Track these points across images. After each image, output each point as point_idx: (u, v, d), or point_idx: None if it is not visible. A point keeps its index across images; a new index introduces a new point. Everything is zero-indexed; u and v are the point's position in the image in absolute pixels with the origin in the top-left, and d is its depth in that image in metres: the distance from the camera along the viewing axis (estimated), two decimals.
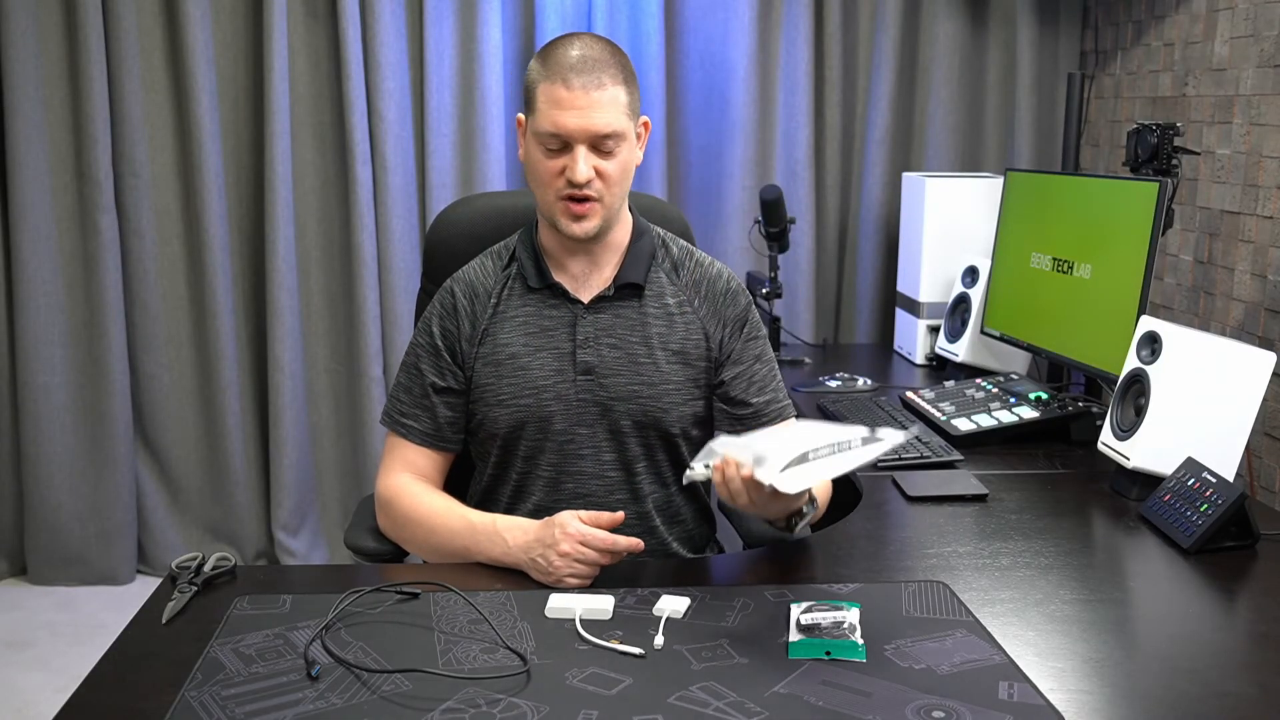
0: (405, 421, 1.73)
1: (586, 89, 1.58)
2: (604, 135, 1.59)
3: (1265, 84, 2.57)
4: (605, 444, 1.72)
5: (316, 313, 3.40)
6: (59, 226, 3.22)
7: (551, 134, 1.60)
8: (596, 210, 1.64)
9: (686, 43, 3.38)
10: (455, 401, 1.73)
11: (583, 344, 1.69)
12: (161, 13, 3.18)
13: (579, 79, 1.58)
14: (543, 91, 1.60)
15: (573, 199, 1.63)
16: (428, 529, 1.65)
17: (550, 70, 1.60)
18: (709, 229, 3.44)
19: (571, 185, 1.61)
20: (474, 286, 1.74)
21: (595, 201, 1.63)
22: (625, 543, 1.48)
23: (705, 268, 1.78)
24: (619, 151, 1.62)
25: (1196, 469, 1.77)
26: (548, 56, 1.62)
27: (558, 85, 1.58)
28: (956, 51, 3.42)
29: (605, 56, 1.61)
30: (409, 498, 1.69)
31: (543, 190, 1.65)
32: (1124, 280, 2.23)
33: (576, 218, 1.64)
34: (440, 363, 1.72)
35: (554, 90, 1.58)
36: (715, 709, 1.20)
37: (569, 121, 1.58)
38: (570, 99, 1.58)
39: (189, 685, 1.24)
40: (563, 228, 1.65)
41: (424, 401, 1.72)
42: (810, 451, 1.38)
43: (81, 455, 3.31)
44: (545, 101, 1.60)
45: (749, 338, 1.77)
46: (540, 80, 1.61)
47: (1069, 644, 1.38)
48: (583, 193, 1.62)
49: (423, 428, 1.72)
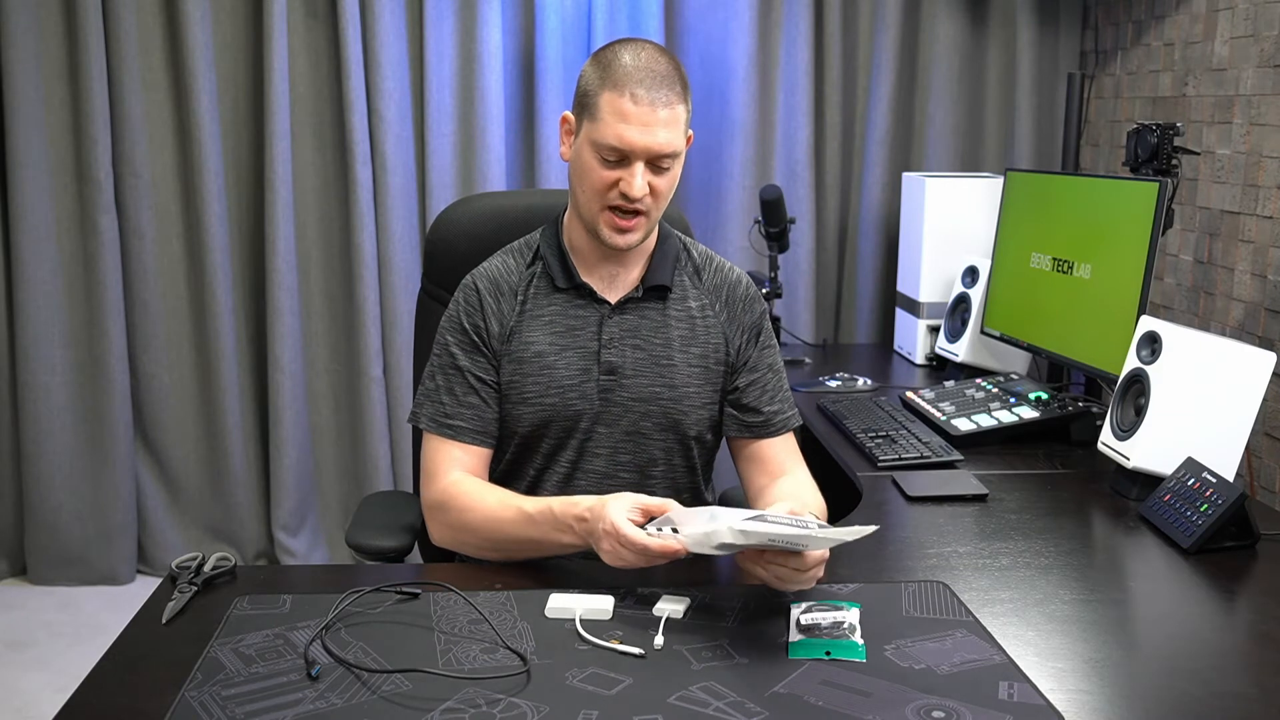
0: (452, 422, 1.67)
1: (654, 106, 1.55)
2: (665, 154, 1.58)
3: (1265, 84, 2.57)
4: (623, 444, 1.72)
5: (316, 313, 3.40)
6: (59, 226, 3.22)
7: (613, 147, 1.57)
8: (642, 224, 1.63)
9: (686, 42, 3.38)
10: (495, 395, 1.70)
11: (608, 344, 1.69)
12: (161, 13, 3.18)
13: (646, 94, 1.55)
14: (607, 101, 1.56)
15: (620, 211, 1.61)
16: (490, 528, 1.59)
17: (615, 79, 1.56)
18: (709, 229, 3.44)
19: (623, 198, 1.59)
20: (498, 283, 1.72)
21: (642, 215, 1.62)
22: (657, 548, 1.40)
23: (726, 273, 1.78)
24: (673, 169, 1.61)
25: (1196, 469, 1.77)
26: (611, 63, 1.58)
27: (624, 98, 1.55)
28: (956, 51, 3.42)
29: (670, 71, 1.58)
30: (464, 497, 1.63)
31: (590, 197, 1.62)
32: (1124, 280, 2.23)
33: (621, 230, 1.62)
34: (477, 358, 1.69)
35: (619, 102, 1.55)
36: (715, 709, 1.20)
37: (634, 139, 1.55)
38: (637, 115, 1.55)
39: (189, 685, 1.24)
40: (605, 238, 1.63)
41: (469, 399, 1.68)
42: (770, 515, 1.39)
43: (81, 455, 3.31)
44: (610, 112, 1.56)
45: (764, 346, 1.77)
46: (603, 88, 1.57)
47: (1069, 644, 1.38)
48: (633, 207, 1.60)
49: (471, 425, 1.68)
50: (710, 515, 1.40)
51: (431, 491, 1.66)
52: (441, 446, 1.68)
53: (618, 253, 1.69)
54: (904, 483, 1.97)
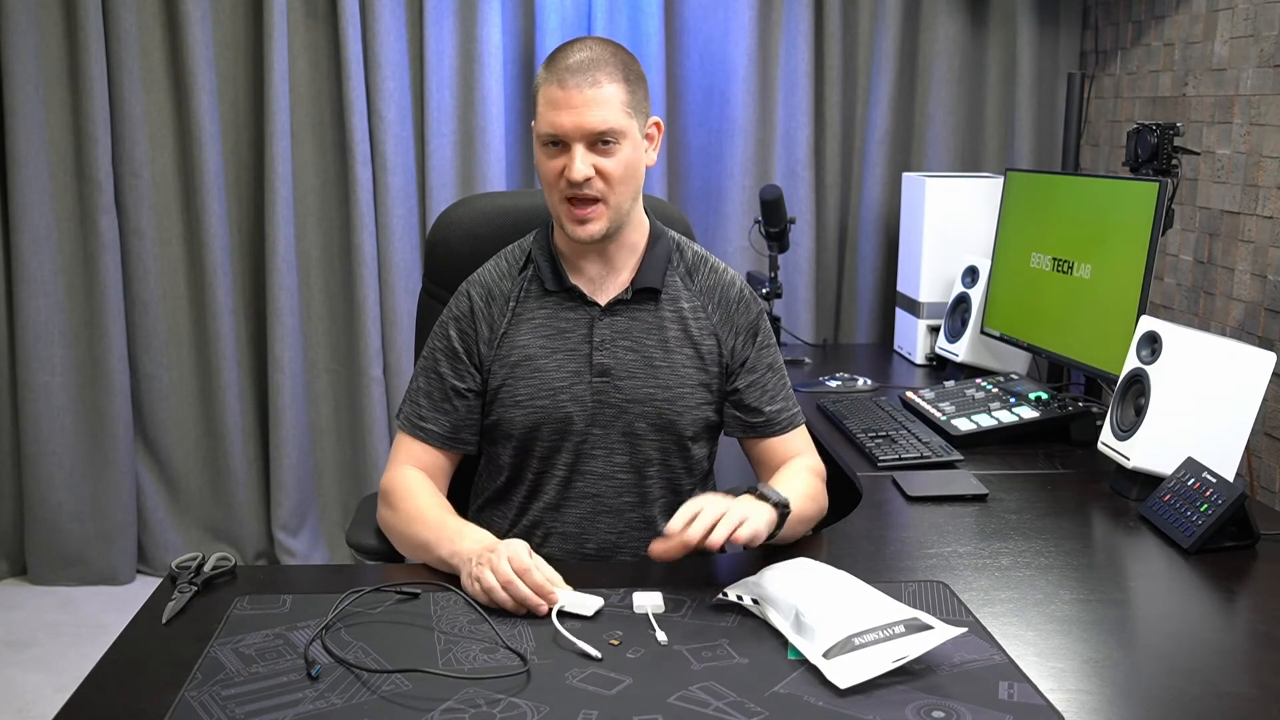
0: (424, 425, 1.72)
1: (580, 87, 1.59)
2: (599, 132, 1.60)
3: (1265, 84, 2.57)
4: (619, 446, 1.72)
5: (316, 313, 3.40)
6: (59, 226, 3.22)
7: (549, 134, 1.61)
8: (601, 212, 1.63)
9: (686, 42, 3.38)
10: (474, 404, 1.73)
11: (599, 346, 1.70)
12: (161, 13, 3.18)
13: (574, 78, 1.59)
14: (543, 94, 1.62)
15: (575, 200, 1.63)
16: (409, 521, 1.64)
17: (550, 73, 1.62)
18: (709, 229, 3.44)
19: (571, 185, 1.61)
20: (490, 290, 1.74)
21: (599, 202, 1.63)
22: (534, 601, 1.40)
23: (719, 274, 1.78)
24: (619, 150, 1.62)
25: (1196, 469, 1.77)
26: (551, 61, 1.63)
27: (554, 86, 1.60)
28: (956, 51, 3.42)
29: (605, 56, 1.62)
30: (407, 492, 1.68)
31: (548, 192, 1.66)
32: (1124, 280, 2.23)
33: (580, 220, 1.63)
34: (459, 365, 1.72)
35: (550, 91, 1.60)
36: (715, 709, 1.20)
37: (564, 120, 1.59)
38: (565, 98, 1.59)
39: (189, 685, 1.24)
40: (568, 230, 1.65)
41: (445, 405, 1.72)
42: (856, 636, 1.30)
43: (81, 455, 3.31)
44: (543, 103, 1.61)
45: (762, 346, 1.77)
46: (542, 84, 1.63)
47: (1069, 644, 1.38)
48: (583, 193, 1.61)
49: (441, 430, 1.72)
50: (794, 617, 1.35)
51: (385, 479, 1.72)
52: (408, 443, 1.73)
53: (599, 250, 1.70)
54: (904, 483, 1.97)
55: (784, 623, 1.36)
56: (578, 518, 1.73)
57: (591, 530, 1.73)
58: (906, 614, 1.33)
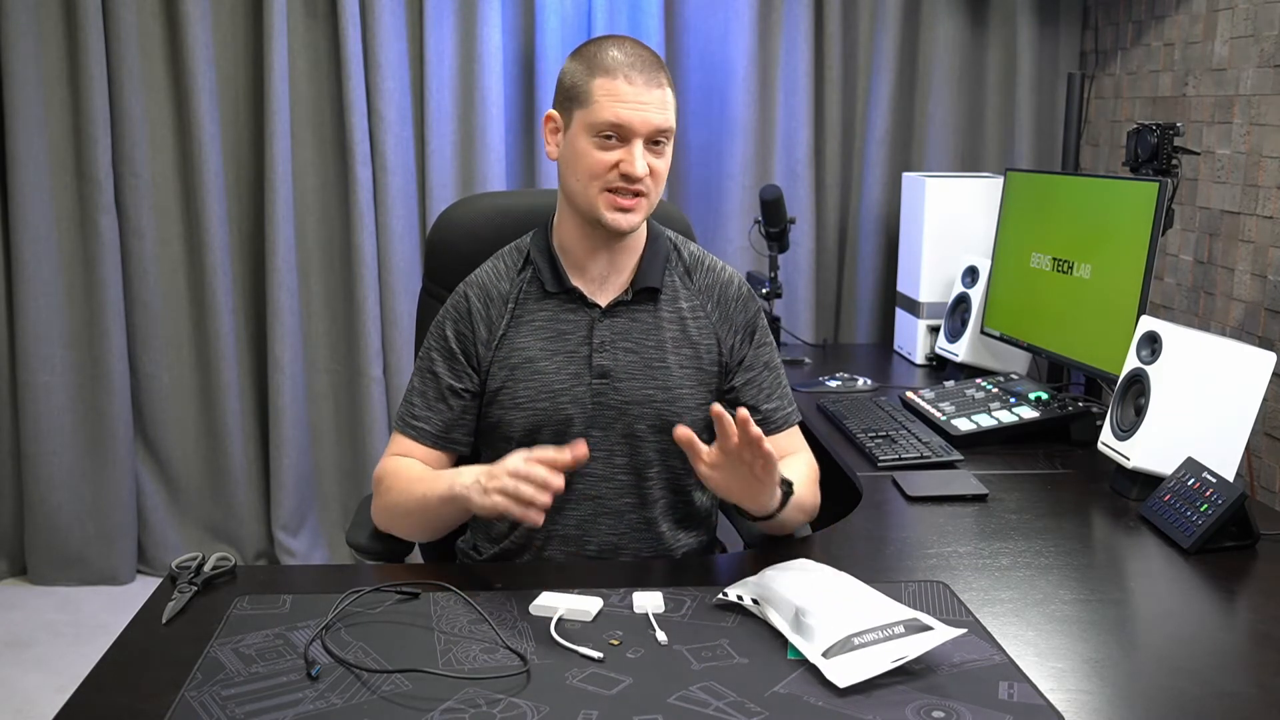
0: (417, 424, 1.72)
1: (649, 85, 1.60)
2: (662, 130, 1.61)
3: (1265, 84, 2.57)
4: (618, 447, 1.72)
5: (316, 313, 3.40)
6: (59, 226, 3.22)
7: (614, 124, 1.60)
8: (642, 206, 1.65)
9: (686, 42, 3.38)
10: (469, 404, 1.73)
11: (599, 348, 1.69)
12: (161, 13, 3.18)
13: (640, 75, 1.60)
14: (600, 86, 1.60)
15: (620, 192, 1.63)
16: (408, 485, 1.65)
17: (605, 67, 1.60)
18: (709, 229, 3.44)
19: (624, 179, 1.61)
20: (488, 290, 1.74)
21: (643, 197, 1.64)
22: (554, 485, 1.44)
23: (718, 273, 1.78)
24: (667, 150, 1.65)
25: (1196, 469, 1.77)
26: (596, 55, 1.62)
27: (618, 80, 1.59)
28: (956, 51, 3.42)
29: (656, 59, 1.64)
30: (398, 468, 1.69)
31: (588, 183, 1.63)
32: (1124, 280, 2.23)
33: (623, 210, 1.63)
34: (455, 366, 1.72)
35: (614, 84, 1.59)
36: (715, 709, 1.20)
37: (633, 115, 1.59)
38: (634, 93, 1.59)
39: (189, 685, 1.24)
40: (607, 220, 1.64)
41: (438, 404, 1.72)
42: (855, 636, 1.30)
43: (81, 455, 3.31)
44: (605, 94, 1.60)
45: (759, 344, 1.77)
46: (594, 76, 1.61)
47: (1069, 644, 1.38)
48: (634, 187, 1.62)
49: (433, 429, 1.72)
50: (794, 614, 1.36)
51: (376, 471, 1.73)
52: (400, 441, 1.74)
53: (607, 248, 1.70)
54: (904, 483, 1.97)
55: (784, 623, 1.36)
56: (578, 519, 1.73)
57: (592, 532, 1.73)
58: (906, 614, 1.34)
